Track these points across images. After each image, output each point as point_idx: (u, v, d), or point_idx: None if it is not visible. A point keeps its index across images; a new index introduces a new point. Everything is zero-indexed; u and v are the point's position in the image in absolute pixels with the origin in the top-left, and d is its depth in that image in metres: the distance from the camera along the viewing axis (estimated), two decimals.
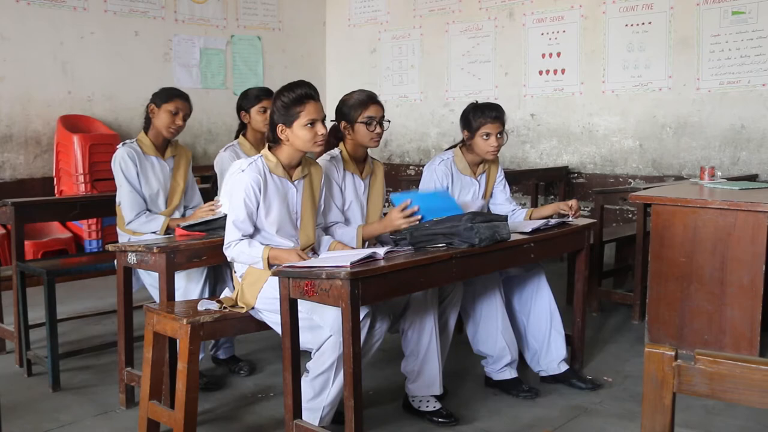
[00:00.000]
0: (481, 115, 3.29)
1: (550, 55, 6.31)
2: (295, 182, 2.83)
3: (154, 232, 3.37)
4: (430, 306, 2.91)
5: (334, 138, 3.15)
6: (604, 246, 4.67)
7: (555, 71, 6.28)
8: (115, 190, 3.46)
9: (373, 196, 3.24)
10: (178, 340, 2.65)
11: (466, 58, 6.89)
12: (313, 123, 2.69)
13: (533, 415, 3.01)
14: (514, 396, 3.18)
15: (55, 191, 5.88)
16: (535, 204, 6.27)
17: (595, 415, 3.00)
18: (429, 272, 2.64)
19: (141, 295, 3.46)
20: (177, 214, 3.51)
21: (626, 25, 5.84)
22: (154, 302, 3.20)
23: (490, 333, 3.22)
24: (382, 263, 2.48)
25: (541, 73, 6.38)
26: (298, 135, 2.71)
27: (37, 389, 3.30)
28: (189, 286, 3.23)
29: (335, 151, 3.14)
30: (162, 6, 6.66)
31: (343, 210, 3.13)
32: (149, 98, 3.49)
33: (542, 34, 6.34)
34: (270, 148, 2.79)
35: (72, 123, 5.93)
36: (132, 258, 3.01)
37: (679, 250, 3.64)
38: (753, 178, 5.01)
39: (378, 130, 3.06)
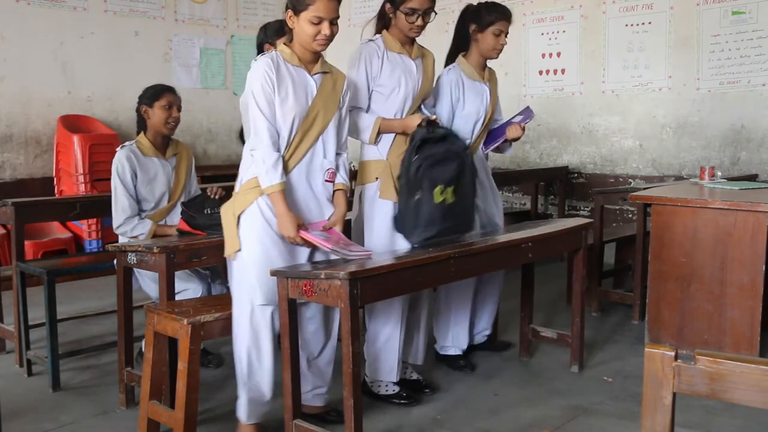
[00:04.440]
0: (495, 11, 3.34)
1: (550, 55, 6.31)
2: (315, 76, 2.65)
3: (141, 235, 3.34)
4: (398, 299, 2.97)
5: (381, 21, 3.09)
6: (604, 246, 4.67)
7: (555, 71, 6.27)
8: None
9: (424, 82, 3.10)
10: (178, 340, 2.65)
11: None
12: (319, 21, 2.52)
13: (533, 415, 3.01)
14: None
15: (55, 191, 5.88)
16: (535, 205, 6.27)
17: (595, 415, 3.00)
18: (427, 272, 2.64)
19: (141, 295, 3.46)
20: (176, 211, 3.48)
21: (626, 25, 5.84)
22: (154, 302, 3.20)
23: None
24: (379, 263, 2.48)
25: (541, 73, 6.38)
26: (302, 27, 2.55)
27: (37, 389, 3.30)
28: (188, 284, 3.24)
29: (375, 36, 3.06)
30: (162, 6, 6.67)
31: (390, 94, 2.99)
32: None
33: (542, 34, 6.34)
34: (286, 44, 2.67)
35: (72, 123, 5.93)
36: (132, 258, 3.01)
37: (679, 250, 3.64)
38: (753, 178, 5.01)
39: (419, 22, 2.95)
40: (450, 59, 3.49)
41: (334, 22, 2.56)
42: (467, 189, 2.93)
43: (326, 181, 2.70)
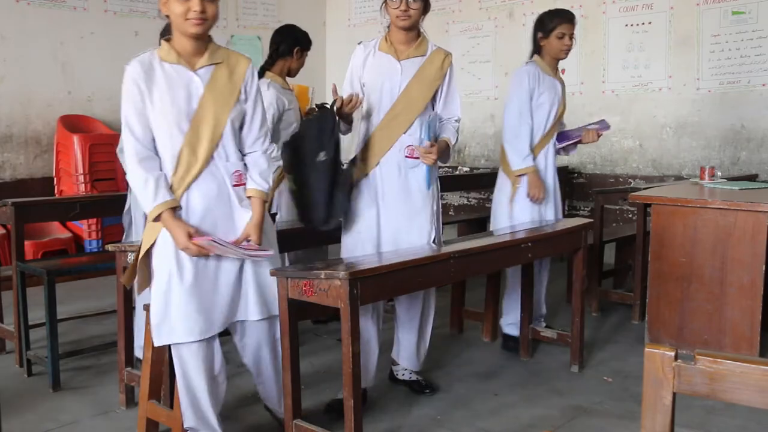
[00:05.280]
0: (556, 17, 3.58)
1: None
2: (200, 71, 2.32)
3: None
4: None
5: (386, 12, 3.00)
6: (604, 246, 4.67)
7: None
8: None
9: (413, 84, 2.93)
10: None
11: (466, 58, 6.88)
12: None
13: (533, 415, 3.01)
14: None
15: (55, 191, 5.88)
16: None
17: (595, 415, 3.00)
18: (427, 272, 2.64)
19: None
20: None
21: (626, 25, 5.84)
22: None
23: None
24: (379, 263, 2.48)
25: None
26: (172, 9, 2.24)
27: (37, 389, 3.30)
28: None
29: (375, 38, 3.03)
30: None
31: (369, 93, 2.95)
32: None
33: None
34: (168, 40, 2.37)
35: (72, 123, 5.93)
36: (132, 258, 3.00)
37: (679, 250, 3.63)
38: (753, 178, 5.01)
39: (402, 7, 2.83)
40: None
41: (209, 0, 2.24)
42: (307, 179, 2.84)
43: (234, 185, 2.38)
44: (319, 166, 2.83)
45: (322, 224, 2.92)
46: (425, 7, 2.91)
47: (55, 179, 5.93)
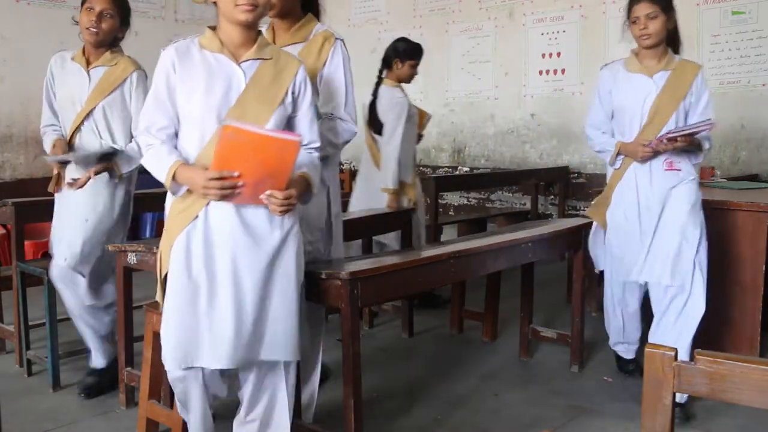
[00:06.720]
0: (630, 2, 3.08)
1: (550, 55, 6.31)
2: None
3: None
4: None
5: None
6: None
7: (555, 71, 6.27)
8: None
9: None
10: None
11: (466, 58, 6.89)
12: None
13: (533, 415, 3.01)
14: None
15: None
16: (535, 205, 6.26)
17: (595, 415, 3.00)
18: (428, 272, 2.64)
19: (141, 294, 3.46)
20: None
21: None
22: (155, 302, 3.19)
23: None
24: (380, 264, 2.48)
25: (541, 73, 6.38)
26: None
27: (37, 389, 3.30)
28: None
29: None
30: (162, 6, 6.67)
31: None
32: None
33: (542, 34, 6.34)
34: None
35: None
36: (132, 258, 3.00)
37: None
38: (753, 178, 5.01)
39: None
40: None
41: None
42: None
43: None
44: None
45: None
46: None
47: None
